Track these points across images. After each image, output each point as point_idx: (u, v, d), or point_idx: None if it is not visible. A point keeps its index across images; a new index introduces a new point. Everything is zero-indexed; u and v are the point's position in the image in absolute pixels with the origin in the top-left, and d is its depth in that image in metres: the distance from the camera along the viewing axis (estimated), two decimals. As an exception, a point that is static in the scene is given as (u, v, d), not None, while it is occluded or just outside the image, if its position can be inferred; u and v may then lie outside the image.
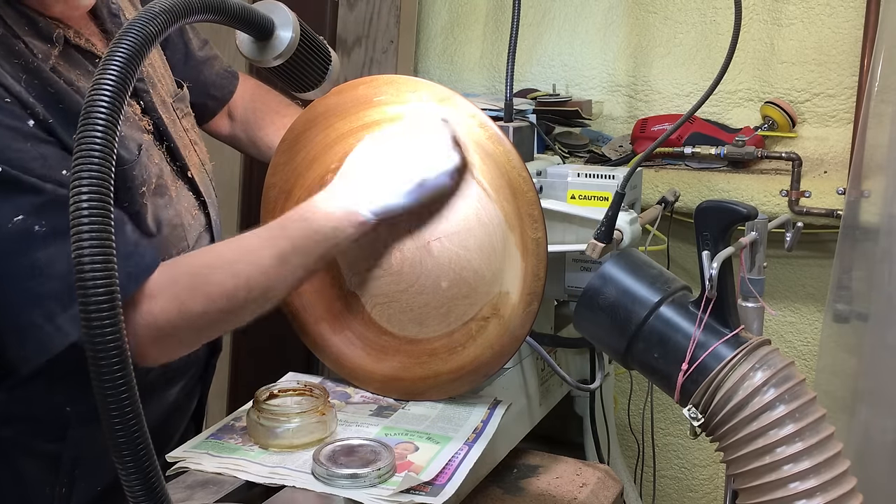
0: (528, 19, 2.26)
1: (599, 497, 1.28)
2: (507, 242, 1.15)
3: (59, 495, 1.15)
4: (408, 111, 1.18)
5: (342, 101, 1.22)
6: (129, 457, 0.69)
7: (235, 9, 1.00)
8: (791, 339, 2.07)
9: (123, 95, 0.74)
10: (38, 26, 1.05)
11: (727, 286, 0.97)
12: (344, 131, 1.22)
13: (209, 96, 1.45)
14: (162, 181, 1.16)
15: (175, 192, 1.19)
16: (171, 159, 1.22)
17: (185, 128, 1.29)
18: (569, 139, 2.13)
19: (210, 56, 1.46)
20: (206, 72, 1.44)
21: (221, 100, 1.48)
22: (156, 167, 1.15)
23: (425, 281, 1.19)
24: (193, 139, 1.30)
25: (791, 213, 1.90)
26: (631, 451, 2.05)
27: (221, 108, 1.49)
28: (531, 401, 1.40)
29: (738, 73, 2.07)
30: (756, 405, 0.92)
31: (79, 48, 1.10)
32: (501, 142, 1.15)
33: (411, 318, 1.21)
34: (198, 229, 1.24)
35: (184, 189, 1.22)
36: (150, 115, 1.20)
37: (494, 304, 1.16)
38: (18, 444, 1.14)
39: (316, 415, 1.11)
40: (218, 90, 1.47)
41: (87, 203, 0.69)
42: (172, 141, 1.22)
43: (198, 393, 1.35)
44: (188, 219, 1.21)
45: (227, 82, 1.49)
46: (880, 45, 1.67)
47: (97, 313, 0.68)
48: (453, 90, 1.18)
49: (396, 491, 0.99)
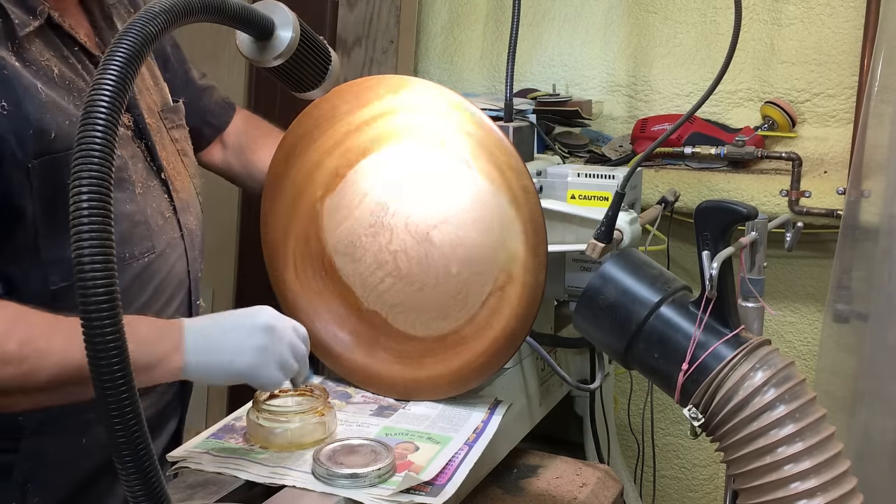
0: (528, 19, 2.26)
1: (599, 497, 1.28)
2: (499, 204, 1.16)
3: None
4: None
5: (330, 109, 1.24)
6: (129, 457, 0.69)
7: (235, 9, 0.99)
8: (791, 339, 2.07)
9: (124, 95, 0.74)
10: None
11: (727, 286, 0.97)
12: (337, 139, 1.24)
13: (206, 123, 1.47)
14: (126, 174, 1.15)
15: (142, 189, 1.18)
16: (150, 158, 1.22)
17: (175, 138, 1.30)
18: (569, 139, 2.13)
19: (209, 86, 1.49)
20: (205, 99, 1.46)
21: (218, 127, 1.50)
22: (119, 159, 1.13)
23: (436, 273, 1.19)
24: (182, 149, 1.31)
25: (791, 213, 1.90)
26: (631, 451, 2.05)
27: (217, 136, 1.50)
28: (531, 401, 1.40)
29: (738, 73, 2.07)
30: (756, 405, 0.92)
31: (60, 29, 1.11)
32: (465, 107, 1.16)
33: (433, 316, 1.21)
34: (169, 234, 1.22)
35: (157, 189, 1.21)
36: (130, 112, 1.20)
37: (506, 269, 1.17)
38: None
39: (316, 415, 1.11)
40: (215, 118, 1.49)
41: (87, 203, 0.69)
42: (150, 139, 1.22)
43: (176, 414, 1.30)
44: (157, 219, 1.19)
45: (224, 111, 1.51)
46: (880, 45, 1.67)
47: (97, 313, 0.68)
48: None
49: (396, 491, 0.99)
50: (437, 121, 1.18)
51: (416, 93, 1.20)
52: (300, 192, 1.26)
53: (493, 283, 1.18)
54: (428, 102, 1.19)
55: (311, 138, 1.25)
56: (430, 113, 1.19)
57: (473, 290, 1.18)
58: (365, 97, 1.22)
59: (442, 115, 1.18)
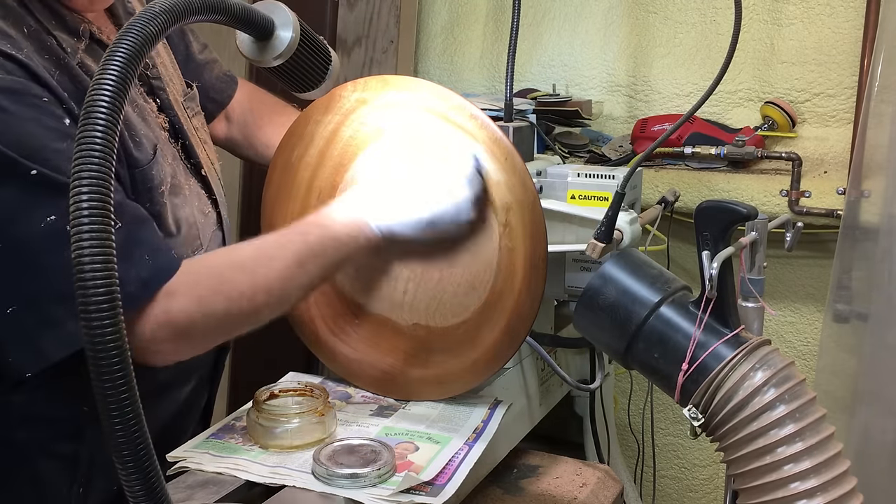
0: (528, 19, 2.26)
1: (599, 497, 1.28)
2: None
3: (77, 495, 1.13)
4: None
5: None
6: (129, 457, 0.69)
7: (235, 9, 1.00)
8: (791, 339, 2.07)
9: (124, 95, 0.74)
10: (66, 20, 1.05)
11: (727, 286, 0.97)
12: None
13: (209, 99, 1.45)
14: (176, 180, 1.16)
15: (189, 191, 1.19)
16: (186, 157, 1.22)
17: (196, 127, 1.29)
18: (569, 139, 2.13)
19: (210, 60, 1.47)
20: (205, 75, 1.45)
21: (220, 103, 1.48)
22: (170, 166, 1.15)
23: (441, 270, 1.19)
24: (203, 138, 1.31)
25: (791, 213, 1.90)
26: (631, 451, 2.05)
27: (220, 112, 1.49)
28: (531, 401, 1.40)
29: (738, 73, 2.07)
30: (756, 405, 0.92)
31: (101, 43, 1.11)
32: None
33: (464, 291, 1.19)
34: (210, 227, 1.24)
35: (196, 187, 1.22)
36: (166, 113, 1.20)
37: (504, 204, 1.16)
38: (37, 446, 1.11)
39: (316, 415, 1.11)
40: (217, 93, 1.47)
41: (87, 203, 0.69)
42: (187, 138, 1.22)
43: (206, 391, 1.35)
44: (201, 217, 1.21)
45: (227, 86, 1.49)
46: (880, 45, 1.67)
47: (97, 313, 0.68)
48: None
49: (396, 491, 0.99)
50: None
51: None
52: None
53: (497, 228, 1.16)
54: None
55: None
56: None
57: (482, 242, 1.17)
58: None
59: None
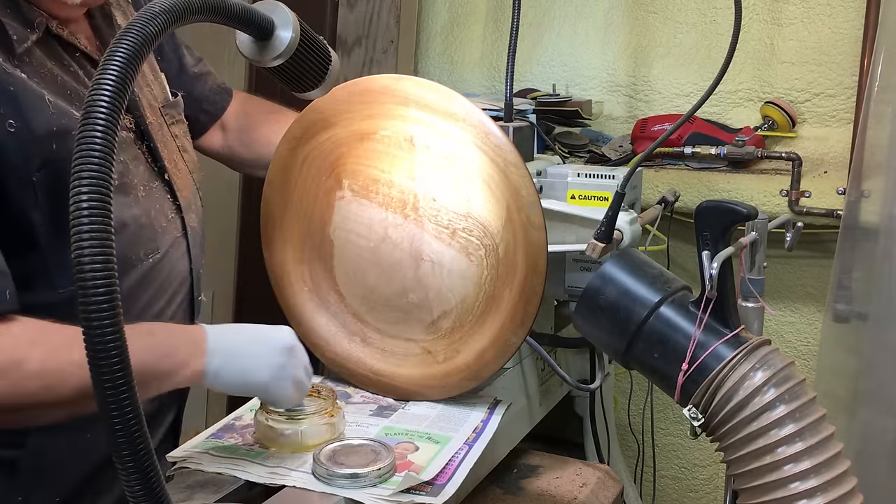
0: (528, 19, 2.26)
1: (599, 497, 1.28)
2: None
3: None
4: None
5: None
6: (129, 457, 0.69)
7: (235, 9, 0.99)
8: (791, 339, 2.07)
9: (124, 95, 0.74)
10: (21, 10, 1.06)
11: (727, 286, 0.97)
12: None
13: (202, 111, 1.47)
14: (127, 179, 1.15)
15: (145, 192, 1.18)
16: (152, 159, 1.21)
17: (175, 134, 1.29)
18: (569, 139, 2.13)
19: (203, 72, 1.48)
20: (198, 87, 1.46)
21: (214, 115, 1.49)
22: (120, 164, 1.14)
23: (430, 250, 1.19)
24: (182, 146, 1.31)
25: (791, 213, 1.90)
26: (631, 451, 2.05)
27: (213, 123, 1.50)
28: (531, 401, 1.40)
29: (738, 73, 2.07)
30: (756, 405, 0.91)
31: (60, 39, 1.11)
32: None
33: (463, 274, 1.19)
34: (173, 234, 1.22)
35: (159, 190, 1.21)
36: (132, 114, 1.20)
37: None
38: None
39: (325, 416, 1.11)
40: (211, 105, 1.48)
41: (87, 203, 0.69)
42: (153, 141, 1.22)
43: (173, 407, 1.29)
44: (161, 221, 1.19)
45: (221, 98, 1.50)
46: (880, 45, 1.68)
47: (97, 313, 0.68)
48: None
49: (396, 491, 0.99)
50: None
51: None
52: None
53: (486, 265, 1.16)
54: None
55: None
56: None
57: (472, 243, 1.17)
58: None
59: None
